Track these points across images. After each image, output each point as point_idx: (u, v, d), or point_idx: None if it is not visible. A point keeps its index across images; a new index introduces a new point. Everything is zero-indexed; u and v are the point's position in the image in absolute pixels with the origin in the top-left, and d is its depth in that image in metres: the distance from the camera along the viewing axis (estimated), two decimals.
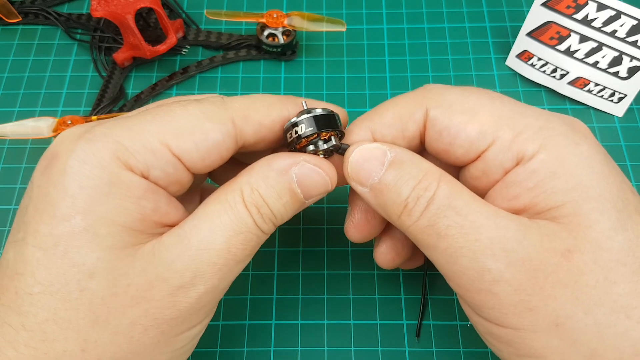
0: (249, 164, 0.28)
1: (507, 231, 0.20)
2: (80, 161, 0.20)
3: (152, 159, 0.21)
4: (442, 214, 0.21)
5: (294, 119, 0.23)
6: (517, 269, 0.20)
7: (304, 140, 0.23)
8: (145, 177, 0.21)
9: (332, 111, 0.24)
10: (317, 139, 0.23)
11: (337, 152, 0.24)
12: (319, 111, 0.23)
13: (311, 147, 0.24)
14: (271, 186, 0.22)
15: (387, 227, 0.27)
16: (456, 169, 0.25)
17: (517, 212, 0.21)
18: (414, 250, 0.28)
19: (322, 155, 0.24)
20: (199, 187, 0.29)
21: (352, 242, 0.27)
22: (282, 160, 0.23)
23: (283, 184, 0.22)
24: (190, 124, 0.22)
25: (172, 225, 0.22)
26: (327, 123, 0.23)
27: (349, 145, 0.24)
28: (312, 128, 0.23)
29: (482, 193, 0.23)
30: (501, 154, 0.22)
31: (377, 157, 0.22)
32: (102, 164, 0.20)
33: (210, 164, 0.23)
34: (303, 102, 0.24)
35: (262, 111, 0.23)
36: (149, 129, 0.21)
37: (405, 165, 0.22)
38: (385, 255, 0.27)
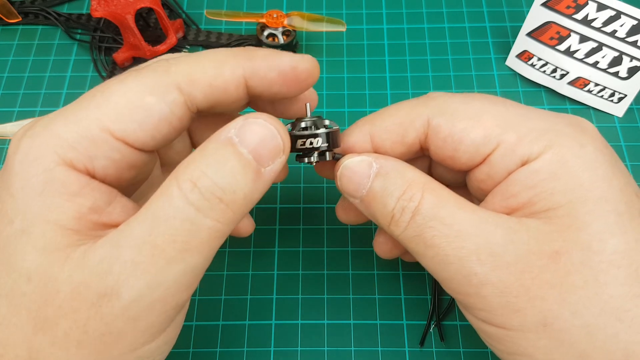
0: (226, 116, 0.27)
1: (493, 237, 0.20)
2: (20, 160, 0.19)
3: (94, 149, 0.19)
4: (428, 224, 0.21)
5: (304, 124, 0.23)
6: (503, 272, 0.20)
7: (305, 149, 0.23)
8: (90, 170, 0.20)
9: (338, 128, 0.24)
10: (314, 151, 0.23)
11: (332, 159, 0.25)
12: (334, 127, 0.23)
13: (306, 159, 0.24)
14: (210, 154, 0.19)
15: None
16: (462, 174, 0.25)
17: (513, 210, 0.21)
18: None
19: (313, 165, 0.25)
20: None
21: (342, 222, 0.28)
22: (221, 129, 0.20)
23: (223, 148, 0.19)
24: (129, 102, 0.20)
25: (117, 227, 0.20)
26: (335, 142, 0.23)
27: (341, 155, 0.24)
28: (327, 144, 0.23)
29: (487, 194, 0.23)
30: (506, 156, 0.22)
31: (363, 169, 0.23)
32: (39, 161, 0.19)
33: (164, 139, 0.21)
34: (307, 105, 0.24)
35: (211, 71, 0.21)
36: (87, 115, 0.19)
37: (390, 176, 0.22)
38: (384, 245, 0.28)
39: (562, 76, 0.39)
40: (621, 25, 0.35)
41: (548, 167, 0.21)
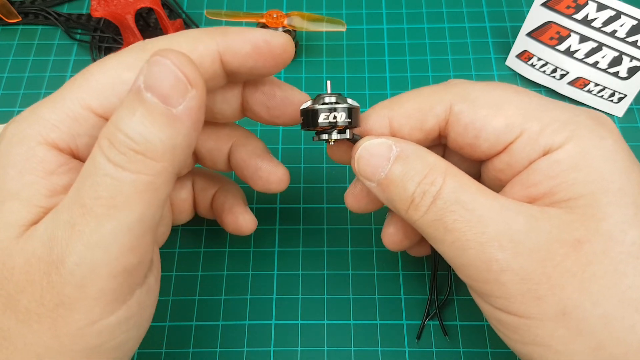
0: (225, 123, 0.27)
1: (515, 223, 0.20)
2: (6, 143, 0.20)
3: (76, 127, 0.20)
4: (449, 208, 0.21)
5: (327, 99, 0.23)
6: (525, 259, 0.20)
7: (327, 126, 0.23)
8: (74, 149, 0.20)
9: (358, 105, 0.24)
10: (334, 128, 0.23)
11: (349, 141, 0.24)
12: (355, 103, 0.23)
13: (324, 136, 0.24)
14: (121, 107, 0.18)
15: None
16: (477, 165, 0.25)
17: (533, 199, 0.21)
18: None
19: (331, 143, 0.24)
20: (186, 173, 0.29)
21: (349, 210, 0.28)
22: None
23: (132, 96, 0.18)
24: (109, 79, 0.20)
25: None
26: (356, 119, 0.23)
27: (360, 137, 0.24)
28: (349, 120, 0.23)
29: (504, 184, 0.23)
30: (528, 146, 0.22)
31: (382, 152, 0.22)
32: (22, 142, 0.20)
33: None
34: (328, 82, 0.24)
35: (185, 47, 0.21)
36: (69, 95, 0.20)
37: (411, 159, 0.22)
38: (393, 236, 0.27)
39: (562, 76, 0.39)
40: (621, 25, 0.35)
41: (570, 158, 0.21)
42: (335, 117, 0.23)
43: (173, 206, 0.30)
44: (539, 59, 0.39)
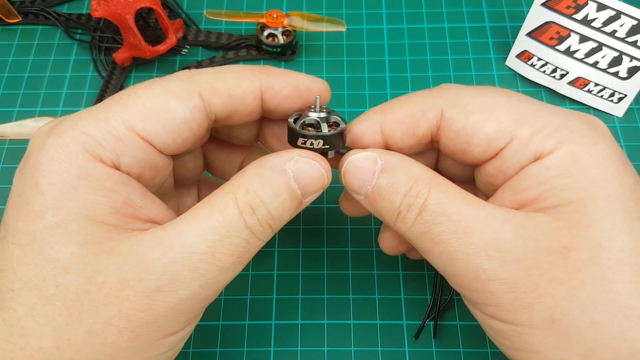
0: (240, 144, 0.28)
1: (501, 232, 0.20)
2: (49, 157, 0.20)
3: (120, 146, 0.20)
4: (435, 220, 0.21)
5: (308, 121, 0.23)
6: (512, 268, 0.20)
7: (308, 145, 0.23)
8: (117, 166, 0.21)
9: (344, 127, 0.24)
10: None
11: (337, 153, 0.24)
12: (341, 125, 0.23)
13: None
14: (267, 184, 0.21)
15: None
16: (471, 169, 0.25)
17: (523, 205, 0.21)
18: None
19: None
20: (195, 180, 0.29)
21: (345, 214, 0.28)
22: (276, 158, 0.22)
23: (279, 180, 0.21)
24: (155, 105, 0.21)
25: (150, 222, 0.22)
26: (338, 143, 0.23)
27: (346, 150, 0.24)
28: (327, 146, 0.23)
29: (496, 188, 0.23)
30: (519, 151, 0.22)
31: (368, 166, 0.23)
32: (70, 158, 0.20)
33: (183, 143, 0.22)
34: (317, 98, 0.24)
35: (231, 82, 0.22)
36: (113, 115, 0.21)
37: (396, 172, 0.22)
38: (389, 241, 0.28)
39: (562, 76, 0.39)
40: (621, 25, 0.35)
41: (561, 164, 0.21)
42: (312, 144, 0.23)
43: (178, 212, 0.30)
44: (539, 59, 0.39)
